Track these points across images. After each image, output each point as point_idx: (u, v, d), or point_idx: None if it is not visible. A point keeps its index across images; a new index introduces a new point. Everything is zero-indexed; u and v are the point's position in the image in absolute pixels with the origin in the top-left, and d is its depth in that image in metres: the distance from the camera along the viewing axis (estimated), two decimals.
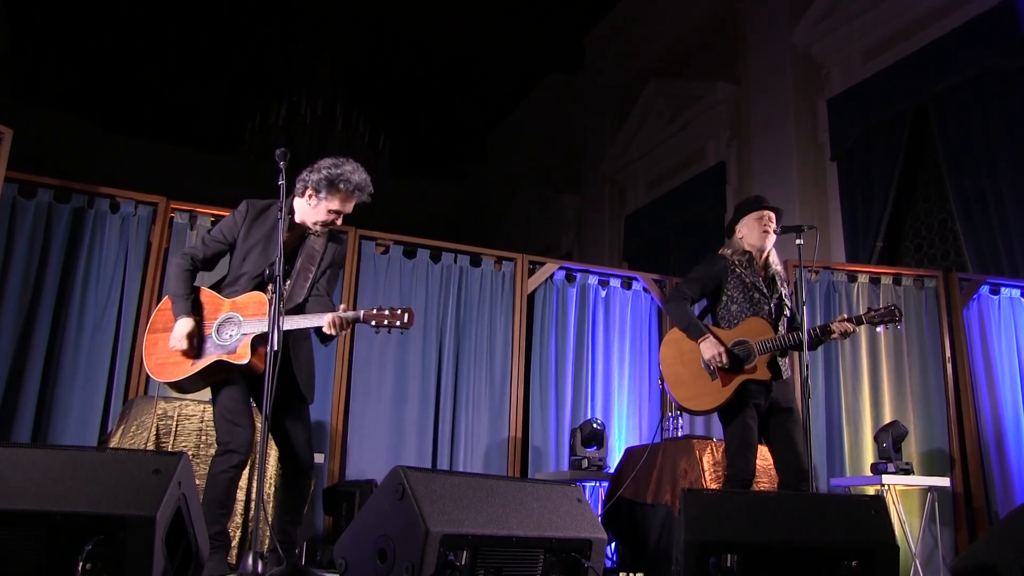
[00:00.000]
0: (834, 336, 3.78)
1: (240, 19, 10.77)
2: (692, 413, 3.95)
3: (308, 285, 3.26)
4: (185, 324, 3.11)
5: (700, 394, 3.78)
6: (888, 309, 3.76)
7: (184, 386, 3.17)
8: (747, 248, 3.93)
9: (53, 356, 4.71)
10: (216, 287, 3.28)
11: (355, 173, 3.25)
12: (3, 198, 4.66)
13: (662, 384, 3.85)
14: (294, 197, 3.31)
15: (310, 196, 3.25)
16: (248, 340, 3.07)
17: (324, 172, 3.23)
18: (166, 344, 3.14)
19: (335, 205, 3.24)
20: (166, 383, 3.16)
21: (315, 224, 3.27)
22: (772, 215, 3.92)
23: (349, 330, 3.17)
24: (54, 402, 4.65)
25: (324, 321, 3.05)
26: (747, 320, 3.83)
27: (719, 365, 3.70)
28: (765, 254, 3.95)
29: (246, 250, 3.23)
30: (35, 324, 4.69)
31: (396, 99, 12.46)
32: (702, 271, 3.95)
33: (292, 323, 3.07)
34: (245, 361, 3.06)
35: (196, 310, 3.17)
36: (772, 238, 3.92)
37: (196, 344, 3.12)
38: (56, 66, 11.51)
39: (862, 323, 3.77)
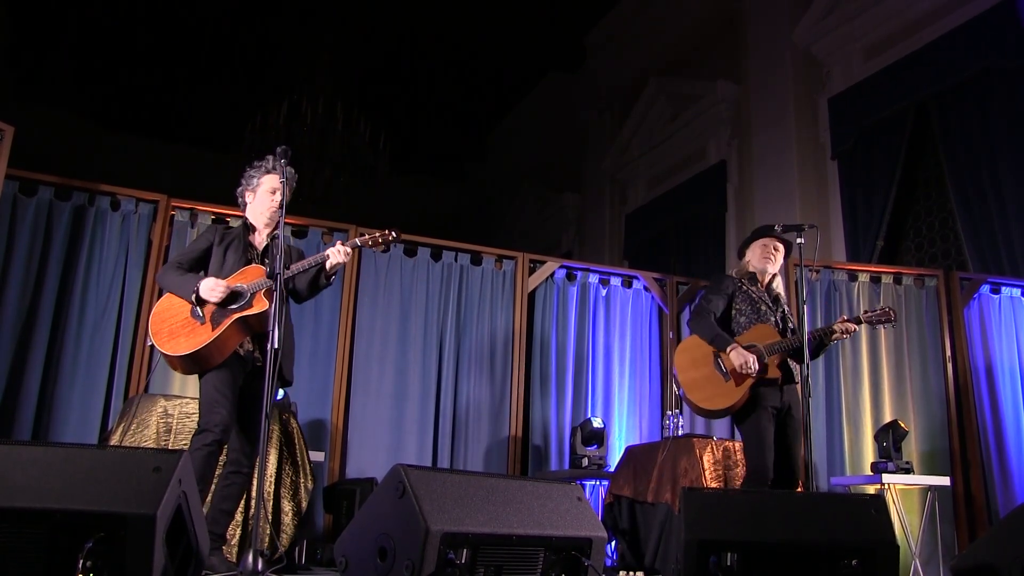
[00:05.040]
0: (836, 337, 3.96)
1: (241, 18, 10.76)
2: (708, 414, 4.06)
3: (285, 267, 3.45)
4: (211, 280, 3.31)
5: (715, 395, 3.89)
6: (884, 311, 4.00)
7: (206, 359, 3.24)
8: (751, 270, 4.12)
9: (54, 354, 4.71)
10: None
11: (264, 158, 3.57)
12: (4, 196, 4.66)
13: (678, 390, 3.98)
14: (246, 215, 3.59)
15: (249, 194, 3.58)
16: (261, 293, 3.28)
17: (246, 172, 3.60)
18: (174, 326, 3.26)
19: (274, 183, 3.47)
20: (182, 356, 3.22)
21: (266, 215, 3.52)
22: (779, 245, 4.11)
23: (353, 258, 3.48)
24: (55, 400, 4.65)
25: (329, 252, 3.34)
26: (755, 326, 3.98)
27: (749, 372, 3.81)
28: (768, 277, 4.12)
29: (223, 251, 3.47)
30: (36, 322, 4.69)
31: (396, 98, 12.45)
32: (716, 286, 4.14)
33: (300, 264, 3.35)
34: (265, 308, 3.23)
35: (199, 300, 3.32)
36: (775, 264, 4.10)
37: (211, 316, 3.26)
38: (57, 64, 11.50)
39: (860, 323, 3.97)
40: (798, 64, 7.88)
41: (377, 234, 3.44)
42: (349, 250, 3.37)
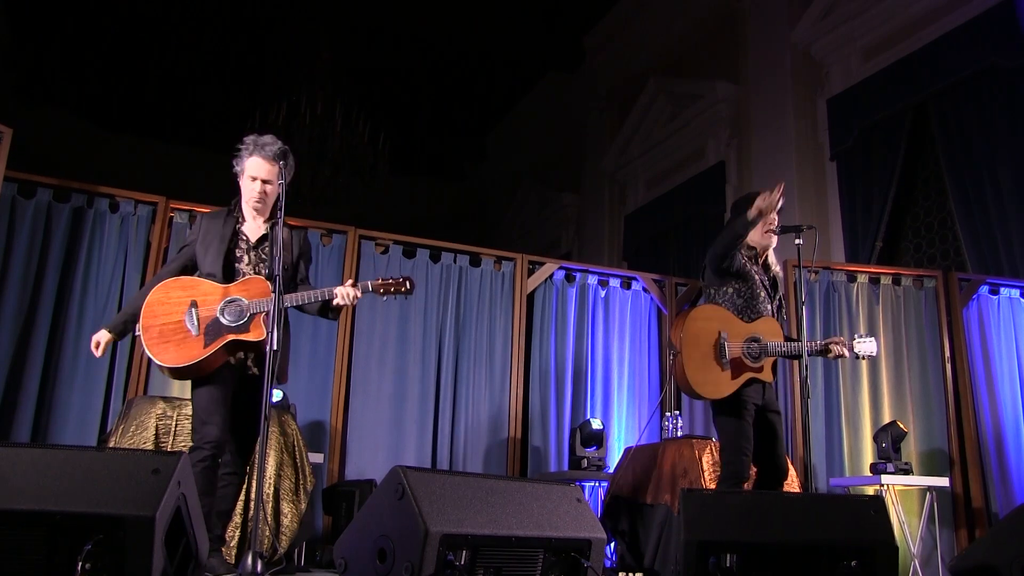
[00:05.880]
0: (830, 356, 3.90)
1: (240, 18, 10.76)
2: (695, 396, 3.81)
3: (286, 274, 3.33)
4: (102, 335, 3.32)
5: (710, 381, 3.72)
6: (869, 345, 3.91)
7: (192, 372, 3.20)
8: (751, 243, 3.94)
9: (53, 356, 4.71)
10: None
11: (261, 136, 3.36)
12: (2, 197, 4.66)
13: (674, 358, 3.78)
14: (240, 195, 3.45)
15: (239, 176, 3.39)
16: (260, 318, 3.18)
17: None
18: (165, 327, 3.19)
19: (252, 171, 3.33)
20: (171, 367, 3.17)
21: (250, 204, 3.38)
22: (774, 214, 3.91)
23: (356, 303, 3.37)
24: (54, 401, 4.65)
25: (337, 293, 3.22)
26: (763, 319, 3.84)
27: (774, 207, 3.63)
28: (765, 254, 3.98)
29: (206, 245, 3.35)
30: (35, 324, 4.69)
31: (396, 98, 12.45)
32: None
33: (302, 298, 3.22)
34: (262, 337, 3.15)
35: (200, 297, 3.24)
36: (775, 238, 3.94)
37: (205, 327, 3.18)
38: (56, 65, 11.50)
39: (851, 351, 3.90)
40: (797, 64, 7.88)
41: (391, 281, 3.29)
42: (359, 294, 3.25)
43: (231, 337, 3.15)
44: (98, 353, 3.31)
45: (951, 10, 6.46)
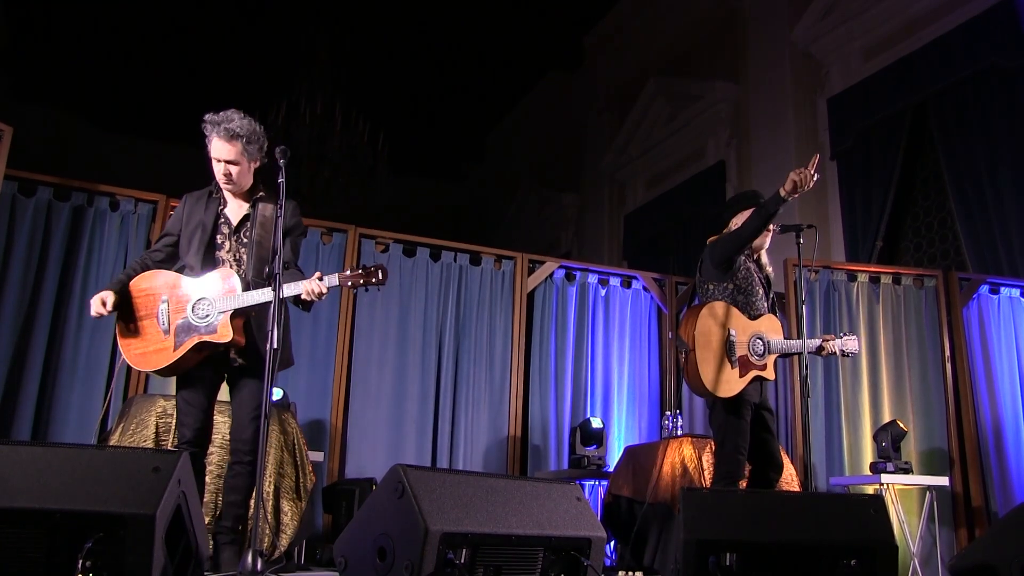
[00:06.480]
0: (823, 354, 3.95)
1: (240, 18, 10.76)
2: (706, 394, 3.77)
3: (269, 255, 3.20)
4: (105, 294, 3.14)
5: (721, 380, 3.70)
6: (851, 339, 3.98)
7: (168, 373, 3.20)
8: None
9: (53, 354, 4.71)
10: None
11: (218, 113, 3.24)
12: (3, 196, 4.65)
13: (685, 356, 3.74)
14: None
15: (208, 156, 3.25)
16: (226, 317, 3.09)
17: None
18: (138, 326, 3.16)
19: (214, 153, 3.23)
20: (151, 372, 3.18)
21: (222, 185, 3.28)
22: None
23: (326, 296, 3.19)
24: (54, 400, 4.65)
25: (301, 289, 3.08)
26: (766, 316, 3.84)
27: (807, 183, 3.52)
28: (759, 252, 3.97)
29: (189, 235, 3.28)
30: (35, 322, 4.68)
31: (395, 98, 12.45)
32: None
33: (269, 295, 3.04)
34: (228, 339, 3.08)
35: (170, 293, 3.18)
36: (770, 236, 3.91)
37: (176, 327, 3.12)
38: (56, 64, 11.50)
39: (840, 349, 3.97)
40: (797, 64, 7.88)
41: (360, 272, 3.13)
42: (324, 290, 3.09)
43: (199, 339, 3.10)
44: (107, 310, 3.12)
45: (951, 10, 6.46)
